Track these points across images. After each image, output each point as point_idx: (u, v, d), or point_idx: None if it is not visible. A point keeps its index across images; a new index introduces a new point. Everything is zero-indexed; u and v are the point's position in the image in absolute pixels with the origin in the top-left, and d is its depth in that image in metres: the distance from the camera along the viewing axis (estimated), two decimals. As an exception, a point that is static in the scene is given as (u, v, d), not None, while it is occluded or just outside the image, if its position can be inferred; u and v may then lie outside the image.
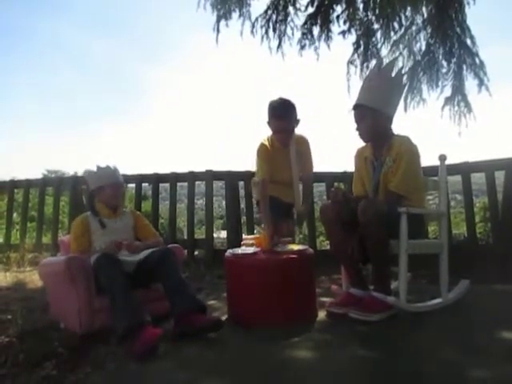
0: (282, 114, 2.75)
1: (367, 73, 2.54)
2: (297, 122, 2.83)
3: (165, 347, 1.97)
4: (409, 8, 5.17)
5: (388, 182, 2.45)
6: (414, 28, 5.43)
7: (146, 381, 1.70)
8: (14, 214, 5.54)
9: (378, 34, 5.38)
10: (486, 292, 2.83)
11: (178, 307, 2.13)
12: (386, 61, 5.34)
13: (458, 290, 2.62)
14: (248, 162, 3.34)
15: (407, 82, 2.59)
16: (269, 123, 2.84)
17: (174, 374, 1.74)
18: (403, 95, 5.43)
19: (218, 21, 5.32)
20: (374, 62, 5.16)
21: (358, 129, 2.57)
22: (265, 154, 2.85)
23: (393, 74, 2.58)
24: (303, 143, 2.95)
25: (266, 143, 2.88)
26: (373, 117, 2.47)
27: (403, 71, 5.43)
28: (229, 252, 2.50)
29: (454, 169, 4.03)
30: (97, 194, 2.59)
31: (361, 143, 2.66)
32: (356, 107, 2.56)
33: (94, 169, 2.61)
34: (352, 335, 2.09)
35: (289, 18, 5.42)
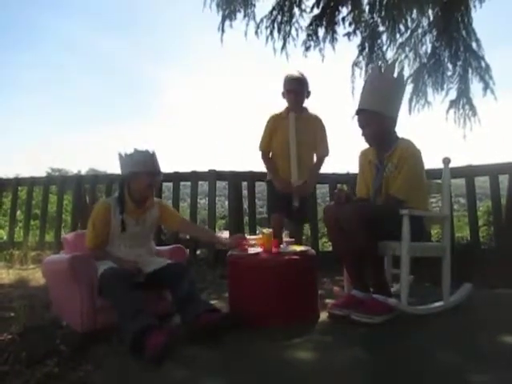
0: (298, 76, 3.10)
1: (368, 75, 2.53)
2: (308, 93, 3.15)
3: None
4: (415, 10, 5.17)
5: (389, 186, 2.46)
6: (419, 30, 5.42)
7: (146, 379, 1.70)
8: (18, 212, 5.56)
9: (384, 37, 5.39)
10: (488, 296, 2.82)
11: (190, 314, 2.09)
12: (389, 62, 5.36)
13: (459, 294, 2.61)
14: (251, 163, 3.40)
15: (406, 83, 2.59)
16: (283, 93, 3.15)
17: (175, 372, 1.74)
18: (408, 97, 5.45)
19: (223, 21, 5.33)
20: (385, 65, 5.15)
21: (363, 134, 2.55)
22: (269, 124, 3.18)
23: (394, 76, 2.57)
24: (316, 120, 3.19)
25: (277, 114, 3.18)
26: (378, 121, 2.46)
27: (408, 74, 5.44)
28: (231, 252, 2.50)
29: (457, 172, 4.02)
30: (129, 180, 2.33)
31: (364, 145, 2.65)
32: (359, 112, 2.54)
33: (129, 151, 2.34)
34: (353, 337, 2.08)
35: (294, 19, 5.43)
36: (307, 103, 3.21)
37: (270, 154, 3.25)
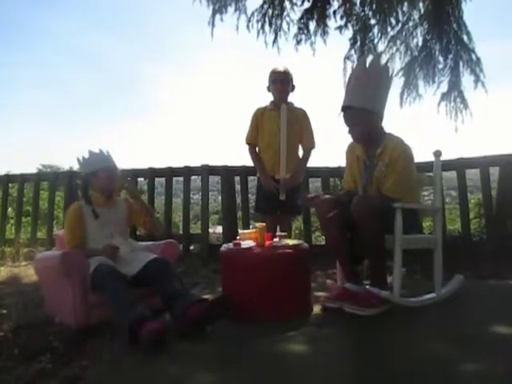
0: (283, 69, 3.19)
1: (352, 70, 2.47)
2: (293, 86, 3.24)
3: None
4: (406, 3, 5.17)
5: (380, 185, 2.45)
6: (410, 24, 5.42)
7: (140, 375, 1.70)
8: (9, 209, 5.51)
9: (375, 30, 5.37)
10: (479, 287, 2.85)
11: (179, 309, 2.09)
12: (383, 56, 5.36)
13: (451, 285, 2.63)
14: (244, 158, 3.42)
15: (392, 76, 2.56)
16: (268, 87, 3.23)
17: (169, 367, 1.74)
18: (399, 90, 5.47)
19: (214, 15, 5.28)
20: (370, 58, 5.16)
21: (350, 131, 2.52)
22: (256, 117, 3.25)
23: (379, 70, 2.54)
24: (301, 113, 3.25)
25: (263, 107, 3.25)
26: (366, 118, 2.43)
27: (400, 67, 5.45)
28: (224, 246, 2.50)
29: (448, 165, 4.05)
30: (91, 180, 2.50)
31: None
32: (345, 109, 2.50)
33: (86, 155, 2.53)
34: (347, 330, 2.10)
35: (285, 13, 5.39)
36: (292, 97, 3.28)
37: (257, 148, 3.29)
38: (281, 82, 3.17)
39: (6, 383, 1.62)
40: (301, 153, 3.29)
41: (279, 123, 3.15)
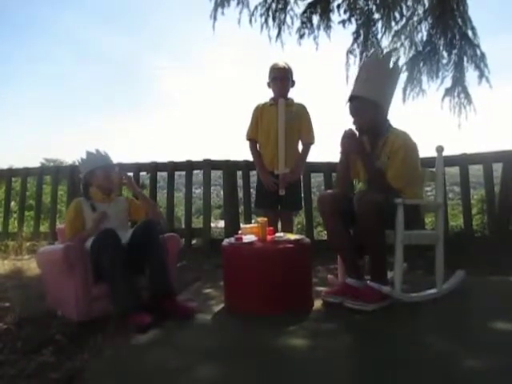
0: (283, 65, 3.19)
1: (364, 62, 2.45)
2: (293, 82, 3.24)
3: (160, 335, 1.99)
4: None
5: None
6: (415, 18, 5.39)
7: (141, 368, 1.71)
8: (12, 203, 5.53)
9: (379, 24, 5.34)
10: (481, 283, 2.85)
11: (153, 290, 2.31)
12: (386, 51, 5.33)
13: (452, 281, 2.63)
14: (246, 152, 3.42)
15: (400, 74, 2.53)
16: (269, 83, 3.23)
17: (170, 361, 1.75)
18: (402, 86, 5.44)
19: (216, 8, 5.25)
20: (382, 53, 5.13)
21: (355, 121, 2.52)
22: (256, 113, 3.26)
23: (390, 66, 2.54)
24: (301, 108, 3.25)
25: (262, 103, 3.25)
26: (372, 109, 2.44)
27: (403, 61, 5.42)
28: (226, 241, 2.50)
29: (452, 160, 4.03)
30: (89, 178, 2.61)
31: None
32: (353, 98, 2.51)
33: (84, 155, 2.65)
34: (347, 324, 2.11)
35: (288, 7, 5.36)
36: (294, 92, 3.27)
37: (258, 145, 3.29)
38: (280, 80, 3.17)
39: (9, 376, 1.63)
40: (300, 148, 3.29)
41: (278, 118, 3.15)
